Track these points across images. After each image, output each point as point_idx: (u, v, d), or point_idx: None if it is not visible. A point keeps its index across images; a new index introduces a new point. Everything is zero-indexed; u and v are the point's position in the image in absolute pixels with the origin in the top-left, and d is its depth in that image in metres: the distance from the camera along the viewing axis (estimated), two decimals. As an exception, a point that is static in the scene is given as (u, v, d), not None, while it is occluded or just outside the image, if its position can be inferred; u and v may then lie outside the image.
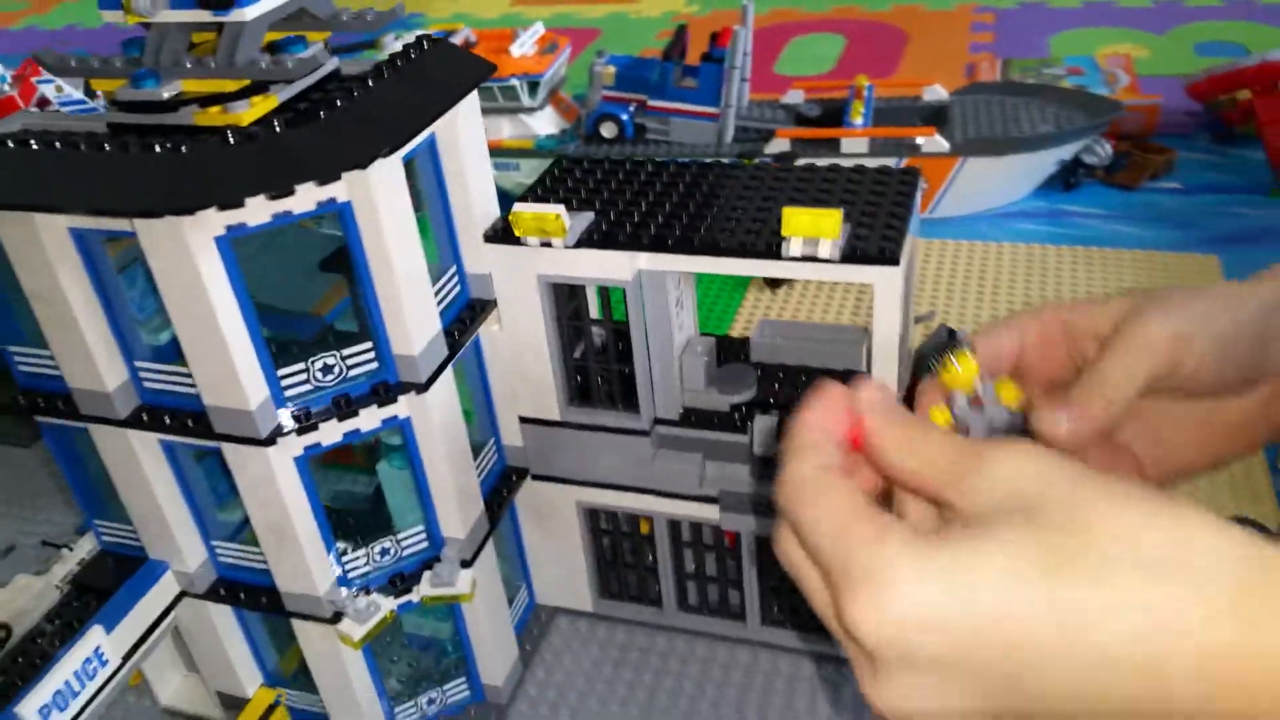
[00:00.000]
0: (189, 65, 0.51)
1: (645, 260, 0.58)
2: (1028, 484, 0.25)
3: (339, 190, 0.49)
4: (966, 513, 0.25)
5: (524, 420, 0.67)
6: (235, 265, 0.49)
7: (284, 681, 0.69)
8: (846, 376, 0.65)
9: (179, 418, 0.55)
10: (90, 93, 1.26)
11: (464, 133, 0.57)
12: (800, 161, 0.67)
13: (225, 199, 0.45)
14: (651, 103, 1.24)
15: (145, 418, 0.55)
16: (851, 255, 0.53)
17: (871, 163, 1.21)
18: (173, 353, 0.57)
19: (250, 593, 0.62)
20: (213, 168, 0.46)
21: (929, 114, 1.25)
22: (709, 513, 0.66)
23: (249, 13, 0.49)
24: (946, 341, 0.56)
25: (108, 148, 0.48)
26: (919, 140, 1.15)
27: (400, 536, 0.61)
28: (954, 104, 1.25)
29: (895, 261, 0.53)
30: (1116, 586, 0.23)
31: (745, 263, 0.56)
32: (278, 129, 0.47)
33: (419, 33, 0.58)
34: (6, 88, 1.07)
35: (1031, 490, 0.25)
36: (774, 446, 0.62)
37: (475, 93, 0.57)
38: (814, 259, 0.54)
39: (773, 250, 0.55)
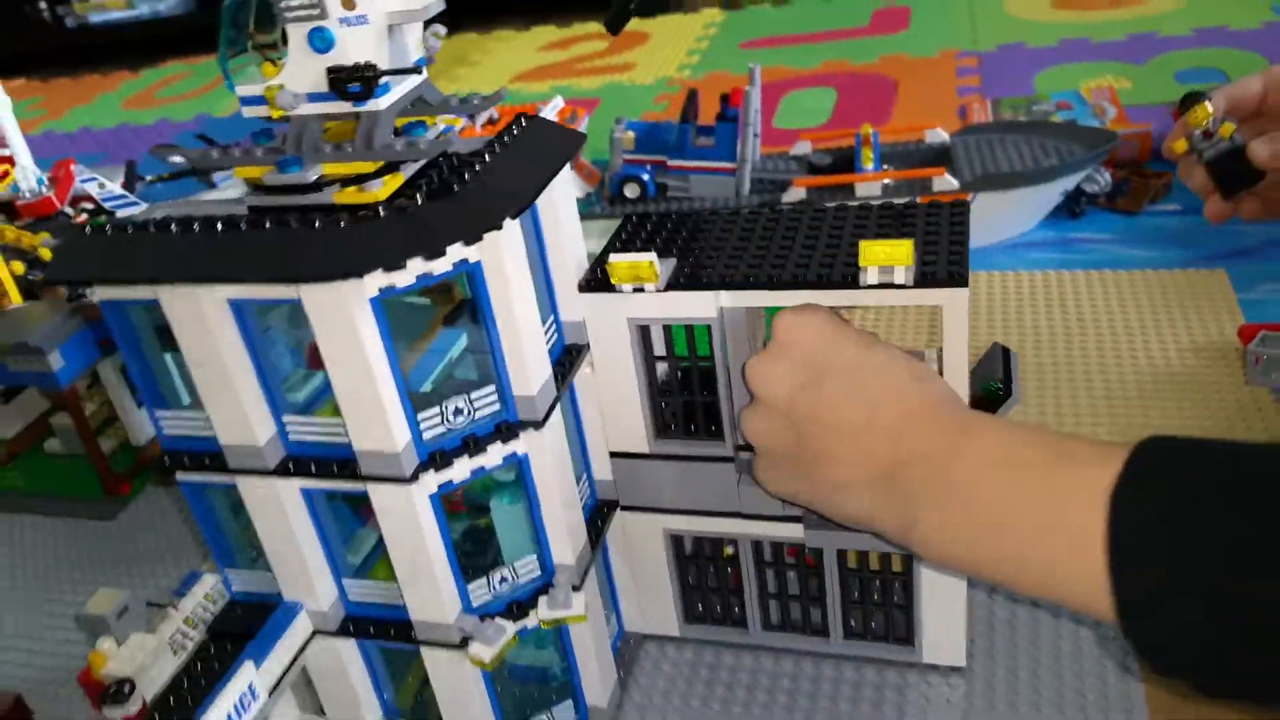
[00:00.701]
0: (328, 150, 0.57)
1: (727, 298, 0.64)
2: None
3: (471, 252, 0.56)
4: None
5: (614, 455, 0.72)
6: (385, 323, 0.55)
7: (400, 714, 0.74)
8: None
9: (324, 465, 0.60)
10: (130, 186, 1.32)
11: (560, 194, 0.64)
12: (855, 202, 0.73)
13: (388, 263, 0.51)
14: (671, 162, 1.31)
15: (292, 467, 0.61)
16: (923, 280, 0.60)
17: (886, 204, 1.29)
18: (310, 407, 0.63)
19: (379, 626, 0.67)
20: (370, 237, 0.52)
21: (933, 155, 1.33)
22: (790, 532, 0.72)
23: (383, 102, 0.56)
24: (1191, 93, 0.66)
25: (269, 224, 0.54)
26: (931, 180, 1.23)
27: (517, 566, 0.66)
28: (956, 144, 1.33)
29: (964, 283, 0.59)
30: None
31: (823, 294, 0.62)
32: (419, 202, 0.53)
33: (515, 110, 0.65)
34: (43, 189, 1.14)
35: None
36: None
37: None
38: (890, 285, 0.60)
39: (849, 280, 0.61)
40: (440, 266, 0.55)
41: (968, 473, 0.51)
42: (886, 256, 0.59)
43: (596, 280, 0.66)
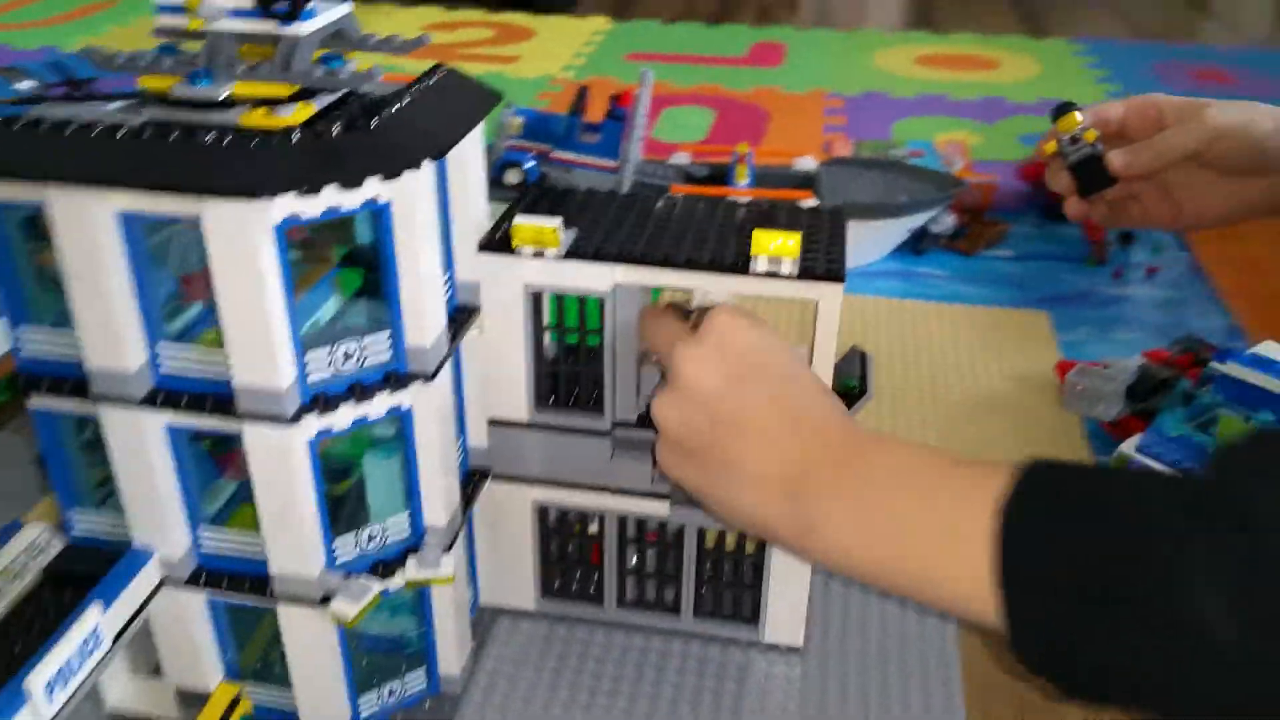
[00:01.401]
0: (242, 69, 0.56)
1: (622, 273, 0.66)
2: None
3: (383, 191, 0.55)
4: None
5: (492, 422, 0.73)
6: (285, 253, 0.54)
7: (243, 675, 0.71)
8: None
9: (197, 399, 0.58)
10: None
11: (469, 151, 0.64)
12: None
13: (303, 186, 0.50)
14: (556, 154, 1.33)
15: (161, 399, 0.58)
16: (806, 273, 0.63)
17: (756, 220, 1.33)
18: (182, 339, 0.61)
19: (234, 579, 0.65)
20: (284, 159, 0.51)
21: (800, 180, 1.39)
22: (655, 508, 0.74)
23: (307, 27, 0.55)
24: (1065, 103, 0.76)
25: (176, 135, 0.52)
26: (798, 203, 1.28)
27: (386, 524, 0.65)
28: (821, 173, 1.39)
29: (841, 279, 0.63)
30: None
31: (715, 277, 0.64)
32: (336, 132, 0.53)
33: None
34: None
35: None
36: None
37: (480, 118, 0.64)
38: (777, 275, 0.63)
39: (739, 267, 0.64)
40: (351, 201, 0.54)
41: (870, 482, 0.55)
42: (776, 247, 0.62)
43: (496, 241, 0.66)
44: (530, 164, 1.33)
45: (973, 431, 1.02)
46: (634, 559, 0.78)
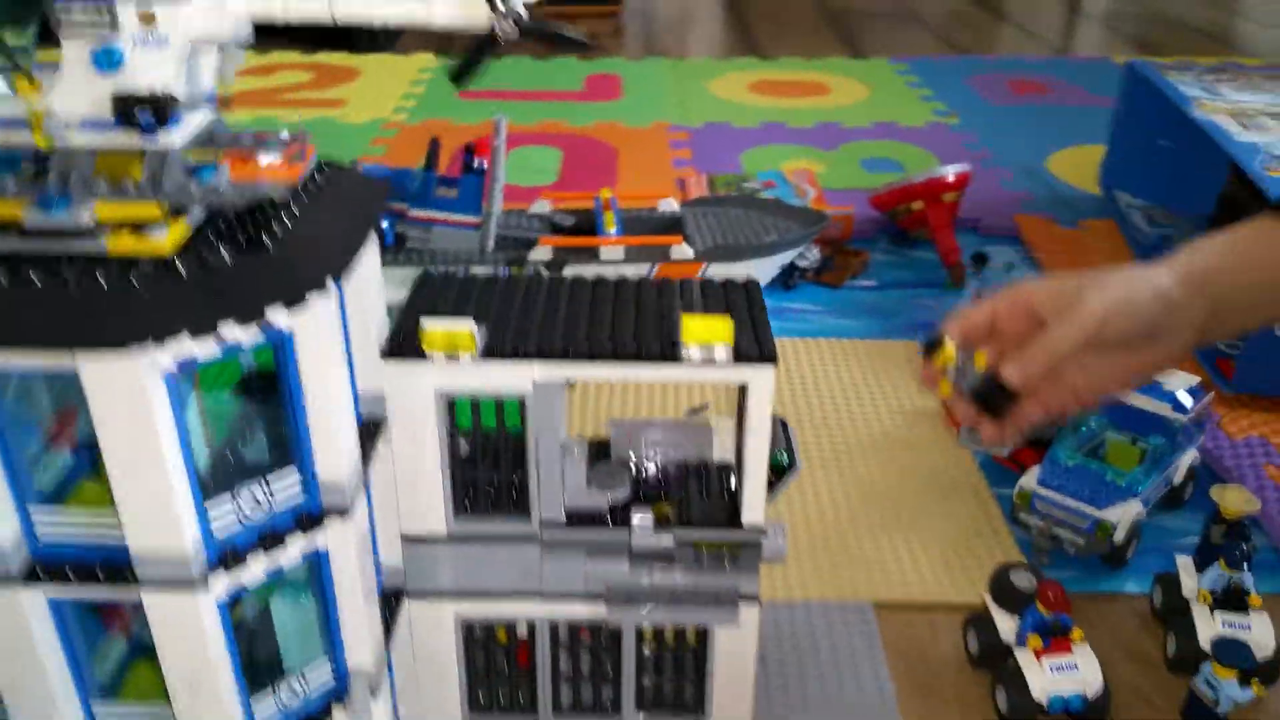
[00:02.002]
0: (103, 188, 0.48)
1: (541, 370, 0.62)
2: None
3: (280, 318, 0.49)
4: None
5: (406, 539, 0.67)
6: (179, 400, 0.47)
7: None
8: (702, 468, 0.72)
9: (84, 569, 0.50)
10: None
11: (366, 253, 0.58)
12: (607, 272, 0.73)
13: (197, 327, 0.44)
14: (412, 212, 1.26)
15: (42, 572, 0.50)
16: (740, 356, 0.60)
17: (628, 268, 1.32)
18: (59, 495, 0.53)
19: None
20: (172, 296, 0.44)
21: (666, 224, 1.37)
22: (588, 611, 0.69)
23: (176, 137, 0.49)
24: (931, 340, 0.69)
25: (36, 276, 0.45)
26: (670, 248, 1.26)
27: (306, 674, 0.59)
28: (686, 215, 1.38)
29: (774, 360, 0.60)
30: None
31: (644, 368, 0.61)
32: (225, 256, 0.47)
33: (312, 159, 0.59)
34: None
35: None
36: (651, 540, 0.67)
37: (373, 217, 0.59)
38: (711, 362, 0.60)
39: (668, 355, 0.60)
40: (248, 335, 0.48)
41: None
42: (708, 334, 0.59)
43: (402, 347, 0.61)
44: (385, 224, 1.26)
45: (870, 472, 1.02)
46: (568, 662, 0.73)
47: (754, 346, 0.61)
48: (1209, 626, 0.75)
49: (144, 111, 0.47)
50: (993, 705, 0.75)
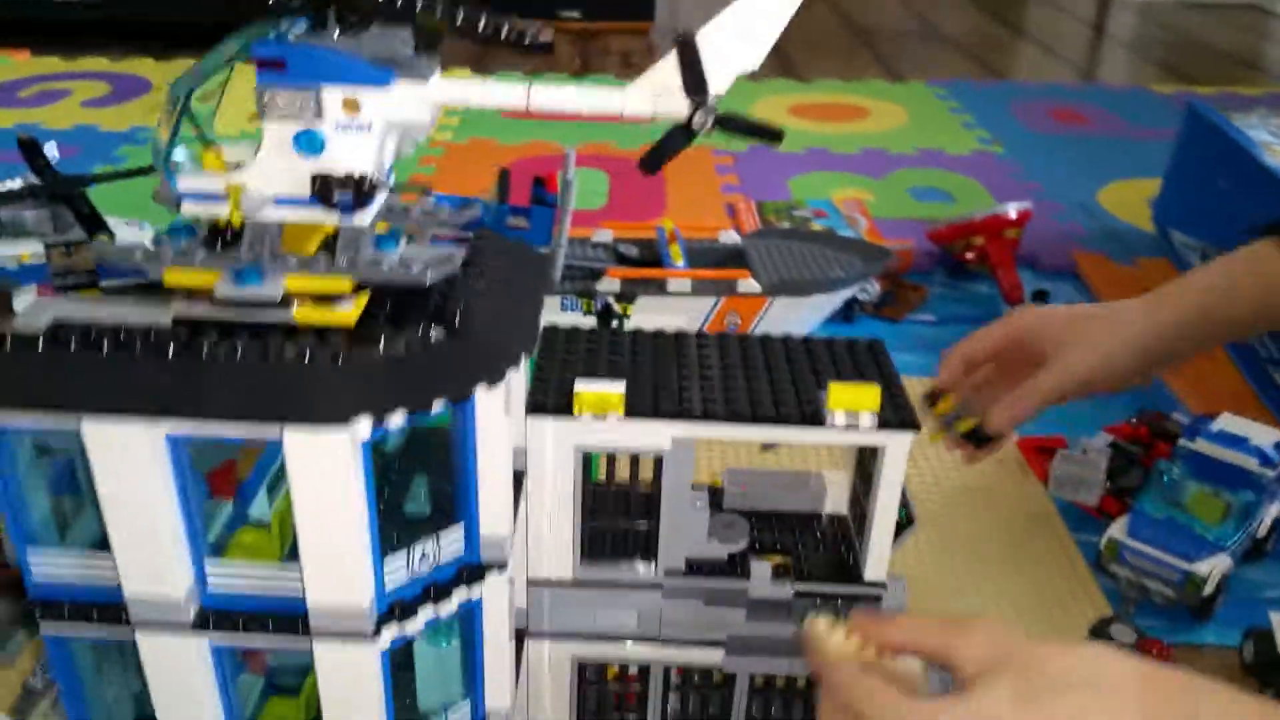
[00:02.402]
0: (293, 264, 0.50)
1: (680, 429, 0.63)
2: (997, 645, 0.48)
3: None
4: (963, 670, 0.48)
5: (533, 583, 0.68)
6: (371, 466, 0.49)
7: None
8: (812, 519, 0.74)
9: (256, 619, 0.52)
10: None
11: (518, 315, 0.60)
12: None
13: (413, 403, 0.45)
14: (486, 243, 1.28)
15: (212, 621, 0.52)
16: (884, 424, 0.62)
17: (694, 301, 1.33)
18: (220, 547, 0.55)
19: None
20: (378, 377, 0.46)
21: (727, 256, 1.38)
22: (703, 656, 0.71)
23: (368, 215, 0.50)
24: (932, 391, 0.79)
25: (235, 347, 0.46)
26: (737, 282, 1.28)
27: (452, 716, 0.60)
28: (748, 248, 1.39)
29: (917, 427, 0.62)
30: (1064, 699, 0.42)
31: (786, 430, 0.63)
32: (428, 339, 0.48)
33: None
34: None
35: (1000, 648, 0.48)
36: (768, 590, 0.69)
37: (525, 277, 0.60)
38: (855, 428, 0.62)
39: (811, 418, 0.62)
40: (436, 405, 0.50)
41: None
42: (855, 402, 0.61)
43: (546, 404, 0.62)
44: (461, 255, 1.28)
45: (955, 526, 1.03)
46: (679, 704, 0.75)
47: (895, 413, 0.62)
48: (1306, 685, 0.77)
49: (344, 194, 0.49)
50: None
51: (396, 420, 0.48)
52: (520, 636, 0.70)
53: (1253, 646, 0.83)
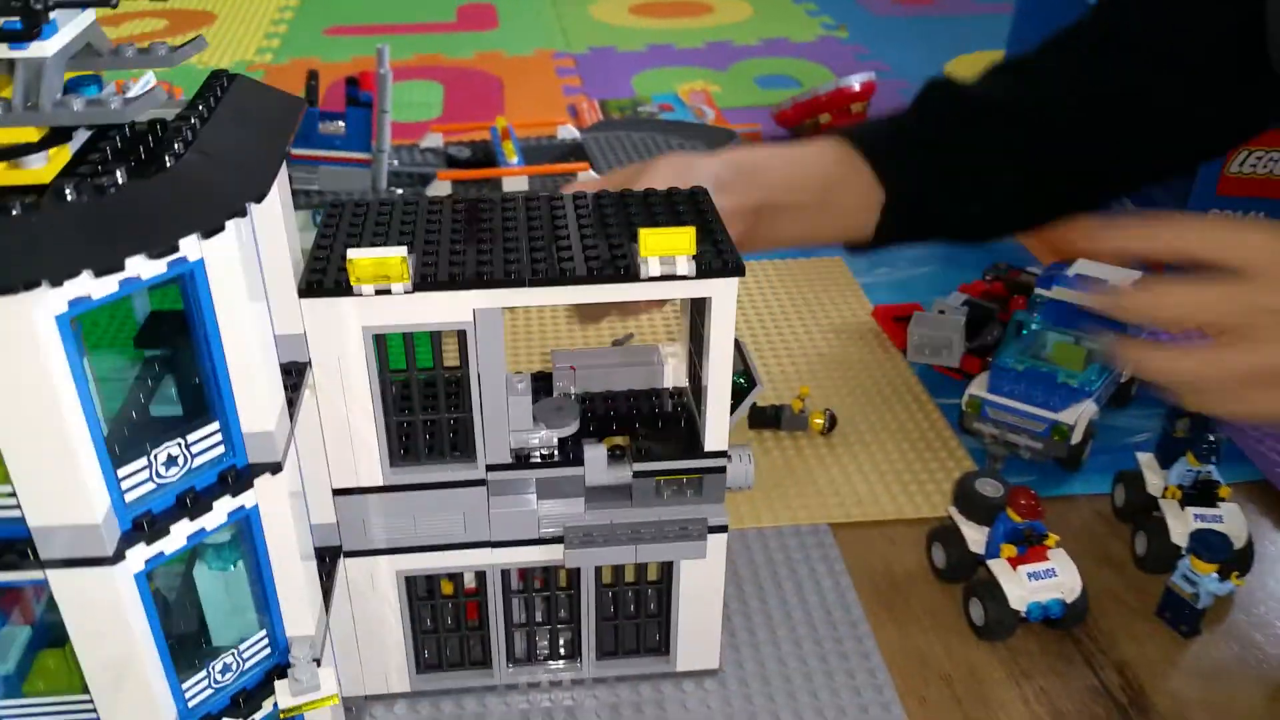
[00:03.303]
0: (-38, 111, 0.40)
1: (481, 299, 0.56)
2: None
3: (190, 248, 0.42)
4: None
5: (339, 492, 0.61)
6: (76, 348, 0.40)
7: None
8: (653, 395, 0.68)
9: (-26, 553, 0.43)
10: None
11: (280, 186, 0.51)
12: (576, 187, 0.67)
13: (102, 264, 0.37)
14: (296, 151, 1.17)
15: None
16: (703, 270, 0.55)
17: (533, 199, 1.24)
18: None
19: (50, 760, 0.50)
20: (67, 231, 0.37)
21: (567, 151, 1.30)
22: (542, 555, 0.65)
23: (50, 46, 0.41)
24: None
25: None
26: (576, 175, 1.20)
27: (241, 649, 0.52)
28: (588, 140, 1.32)
29: (741, 271, 0.56)
30: None
31: (598, 289, 0.56)
32: (121, 180, 0.39)
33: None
34: None
35: None
36: (606, 476, 0.63)
37: (280, 134, 0.51)
38: (673, 277, 0.55)
39: (625, 272, 0.55)
40: (152, 268, 0.41)
41: None
42: (668, 246, 0.54)
43: (324, 283, 0.54)
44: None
45: (826, 397, 0.99)
46: (521, 610, 0.69)
47: (717, 258, 0.56)
48: (1181, 522, 0.74)
49: (9, 19, 0.39)
50: (965, 617, 0.73)
51: (96, 287, 0.39)
52: (334, 555, 0.62)
53: (1123, 490, 0.81)
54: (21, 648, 0.53)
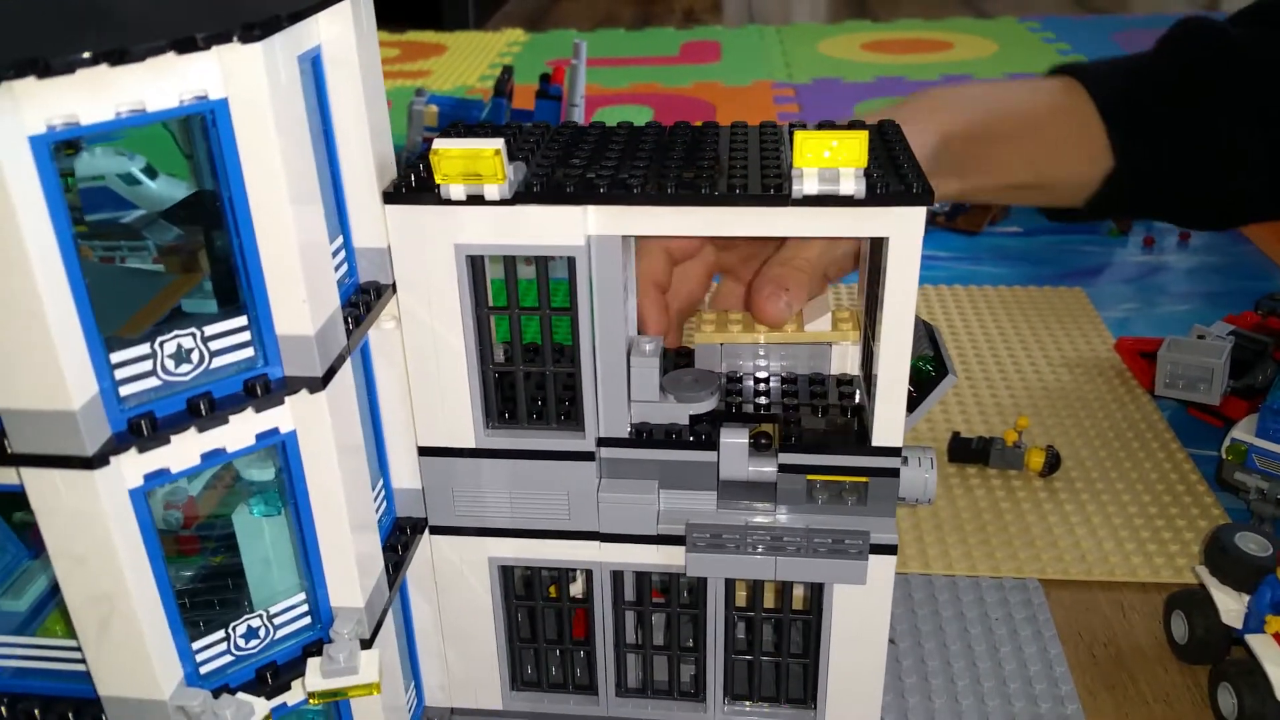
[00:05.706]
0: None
1: (598, 221, 0.45)
2: None
3: (214, 85, 0.34)
4: None
5: (424, 451, 0.51)
6: (57, 184, 0.32)
7: None
8: (818, 382, 0.55)
9: (-62, 444, 0.36)
10: None
11: (363, 47, 0.43)
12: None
13: (100, 44, 0.29)
14: (482, 144, 1.12)
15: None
16: (876, 194, 0.43)
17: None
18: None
19: (49, 708, 0.42)
20: (39, 16, 0.30)
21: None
22: (660, 557, 0.53)
23: None
24: None
25: None
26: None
27: (273, 611, 0.43)
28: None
29: (929, 200, 0.43)
30: None
31: (738, 212, 0.44)
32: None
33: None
34: None
35: None
36: (746, 467, 0.50)
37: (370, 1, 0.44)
38: (833, 199, 0.43)
39: (774, 194, 0.43)
40: (160, 100, 0.33)
41: None
42: (834, 155, 0.42)
43: (411, 188, 0.45)
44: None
45: (1047, 433, 0.82)
46: (636, 629, 0.57)
47: (898, 181, 0.43)
48: None
49: None
50: (1211, 707, 0.55)
51: (95, 108, 0.31)
52: (416, 528, 0.53)
53: None
54: (42, 586, 0.46)
